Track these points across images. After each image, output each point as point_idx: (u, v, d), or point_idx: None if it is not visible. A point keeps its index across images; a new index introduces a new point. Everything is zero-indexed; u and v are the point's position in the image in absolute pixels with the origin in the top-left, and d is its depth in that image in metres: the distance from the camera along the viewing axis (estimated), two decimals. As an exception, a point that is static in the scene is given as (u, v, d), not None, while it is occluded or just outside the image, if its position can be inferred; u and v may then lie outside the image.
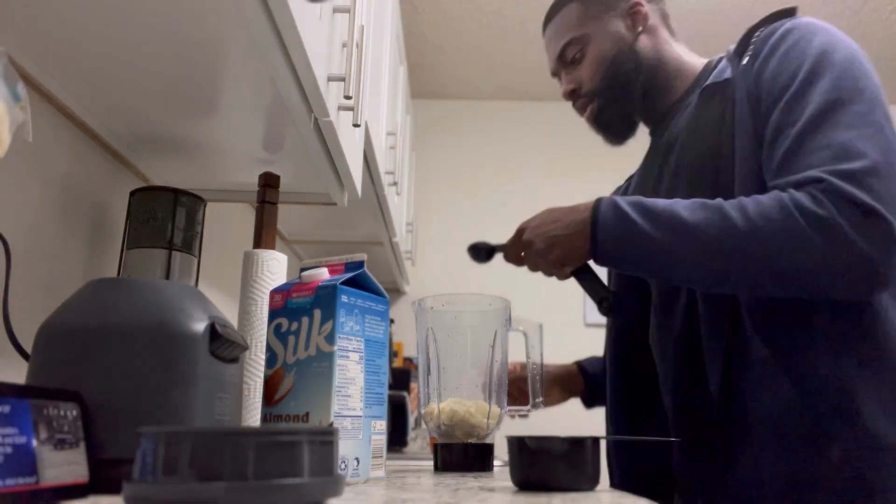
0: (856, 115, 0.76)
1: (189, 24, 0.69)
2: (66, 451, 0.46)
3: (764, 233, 0.73)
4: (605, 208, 0.84)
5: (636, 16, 1.02)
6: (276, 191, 1.04)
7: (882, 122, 0.76)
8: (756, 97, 0.85)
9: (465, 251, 1.06)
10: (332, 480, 0.39)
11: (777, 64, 0.84)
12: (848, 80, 0.80)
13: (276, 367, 0.65)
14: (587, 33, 1.01)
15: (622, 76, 1.00)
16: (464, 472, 0.84)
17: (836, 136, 0.75)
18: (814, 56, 0.82)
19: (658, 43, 1.03)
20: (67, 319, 0.55)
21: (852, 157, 0.73)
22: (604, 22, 1.01)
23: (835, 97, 0.78)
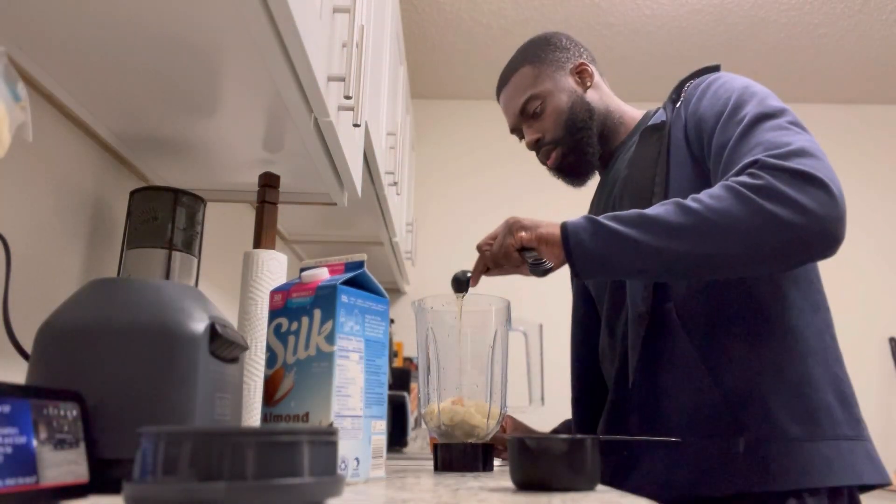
0: (781, 124, 0.87)
1: (189, 24, 0.69)
2: (66, 451, 0.46)
3: (719, 209, 0.80)
4: (572, 220, 0.90)
5: (583, 74, 1.16)
6: (276, 191, 1.04)
7: (803, 132, 0.86)
8: (695, 131, 0.97)
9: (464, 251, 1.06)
10: (332, 480, 0.39)
11: (709, 101, 0.97)
12: (771, 101, 0.91)
13: (276, 367, 0.65)
14: (545, 89, 1.14)
15: (580, 123, 1.12)
16: (464, 472, 0.84)
17: (766, 136, 0.85)
18: (738, 89, 0.95)
19: (603, 95, 1.17)
20: (67, 319, 0.55)
21: (781, 146, 0.83)
22: (557, 80, 1.14)
23: (761, 112, 0.89)
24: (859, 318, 2.98)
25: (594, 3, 2.56)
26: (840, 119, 3.22)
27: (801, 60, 2.89)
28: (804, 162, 0.80)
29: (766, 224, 0.78)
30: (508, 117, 1.19)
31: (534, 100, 1.14)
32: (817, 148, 0.83)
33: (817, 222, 0.77)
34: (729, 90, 0.95)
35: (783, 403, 0.86)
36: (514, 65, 1.17)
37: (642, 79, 3.06)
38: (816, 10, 2.57)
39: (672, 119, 1.02)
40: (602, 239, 0.85)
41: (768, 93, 0.94)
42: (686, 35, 2.74)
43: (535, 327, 0.97)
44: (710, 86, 1.00)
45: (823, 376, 0.89)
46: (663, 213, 0.83)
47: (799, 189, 0.78)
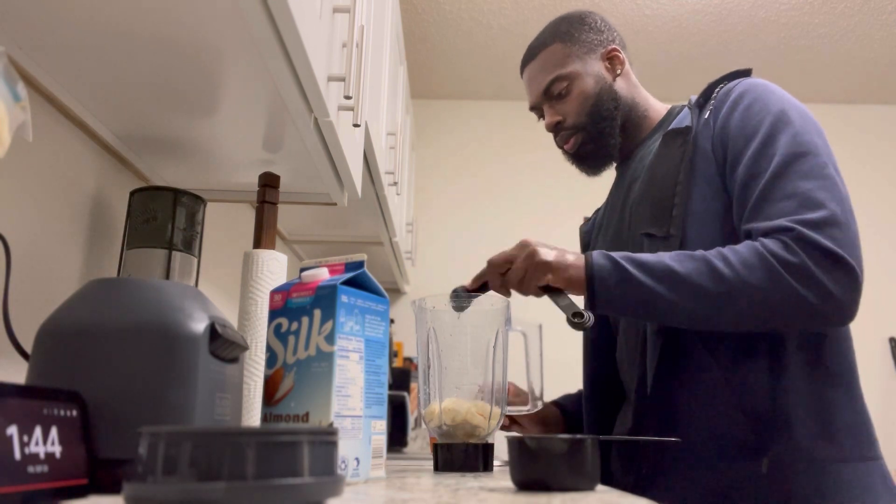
0: (814, 167, 0.86)
1: (189, 24, 0.69)
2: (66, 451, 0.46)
3: (749, 281, 0.82)
4: (598, 259, 0.89)
5: (614, 60, 1.11)
6: (276, 191, 1.04)
7: (835, 176, 0.87)
8: (721, 147, 0.95)
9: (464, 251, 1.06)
10: (332, 480, 0.39)
11: (741, 118, 0.94)
12: (804, 135, 0.89)
13: (276, 367, 0.65)
14: (573, 71, 1.09)
15: (605, 113, 1.08)
16: (464, 472, 0.84)
17: (799, 186, 0.85)
18: (773, 114, 0.92)
19: (631, 86, 1.13)
20: (67, 319, 0.55)
21: (814, 206, 0.83)
22: (587, 62, 1.10)
23: (794, 151, 0.88)
24: (859, 318, 2.98)
25: (594, 3, 2.56)
26: (840, 119, 3.22)
27: (801, 60, 2.89)
28: (836, 237, 0.81)
29: (792, 304, 0.81)
30: (531, 94, 1.14)
31: (560, 80, 1.09)
32: (846, 206, 0.84)
33: (839, 307, 0.81)
34: (762, 112, 0.92)
35: (806, 425, 0.85)
36: (544, 39, 1.12)
37: (642, 79, 3.06)
38: (816, 10, 2.57)
39: (699, 127, 0.98)
40: (627, 289, 0.85)
41: (804, 118, 0.91)
42: (686, 35, 2.74)
43: (535, 327, 0.97)
44: (742, 99, 0.95)
45: (844, 397, 0.88)
46: (694, 274, 0.83)
47: (828, 273, 0.80)
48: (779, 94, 0.95)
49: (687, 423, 0.91)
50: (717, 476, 0.88)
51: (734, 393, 0.88)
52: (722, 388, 0.89)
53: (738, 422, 0.87)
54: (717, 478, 0.88)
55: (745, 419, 0.87)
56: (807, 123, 0.91)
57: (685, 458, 0.91)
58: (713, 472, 0.88)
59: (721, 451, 0.88)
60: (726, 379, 0.89)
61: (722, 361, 0.90)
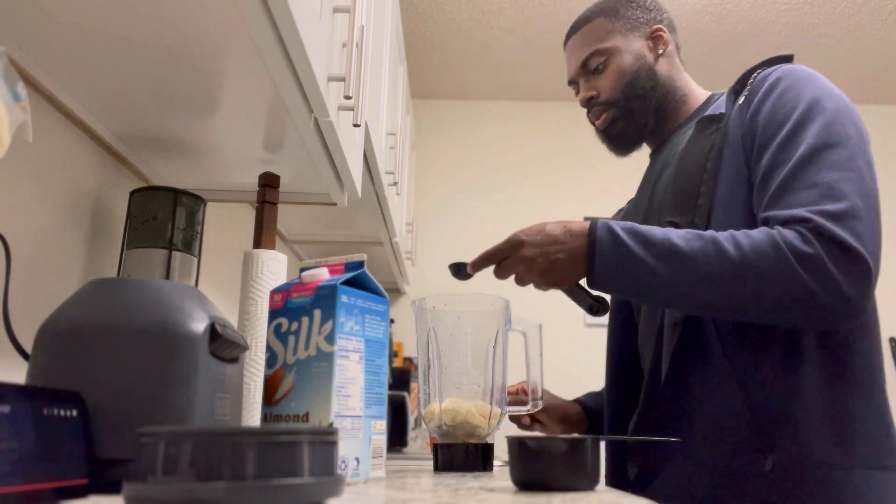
0: (841, 159, 0.83)
1: (189, 24, 0.69)
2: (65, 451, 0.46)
3: (757, 266, 0.78)
4: (602, 234, 0.86)
5: (658, 40, 1.09)
6: (276, 191, 1.04)
7: (863, 169, 0.83)
8: (750, 135, 0.91)
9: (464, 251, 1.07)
10: (332, 480, 0.39)
11: (772, 106, 0.90)
12: (836, 125, 0.85)
13: (276, 367, 0.65)
14: (613, 46, 1.07)
15: (640, 91, 1.06)
16: (464, 472, 0.84)
17: (823, 177, 0.81)
18: (807, 101, 0.88)
19: (673, 69, 1.09)
20: (67, 319, 0.55)
21: (836, 198, 0.80)
22: (629, 39, 1.08)
23: (824, 140, 0.84)
24: (859, 318, 2.98)
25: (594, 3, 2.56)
26: (840, 119, 3.22)
27: (802, 60, 2.89)
28: (856, 230, 0.78)
29: (800, 297, 0.78)
30: (570, 67, 1.13)
31: (598, 55, 1.08)
32: (871, 201, 0.81)
33: (847, 304, 0.78)
34: (795, 99, 0.88)
35: (816, 427, 0.83)
36: (588, 14, 1.11)
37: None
38: (816, 10, 2.57)
39: (732, 113, 0.95)
40: (627, 266, 0.83)
41: (839, 109, 0.87)
42: (686, 35, 2.74)
43: (535, 327, 0.97)
44: (777, 85, 0.92)
45: (865, 404, 0.85)
46: (699, 254, 0.80)
47: (843, 269, 0.77)
48: (817, 83, 0.90)
49: (695, 416, 0.90)
50: (718, 471, 0.88)
51: (743, 389, 0.86)
52: (732, 383, 0.87)
53: (744, 418, 0.85)
54: (718, 473, 0.88)
55: (752, 416, 0.85)
56: (842, 113, 0.86)
57: (688, 451, 0.91)
58: (714, 466, 0.88)
59: (724, 447, 0.88)
60: (738, 374, 0.87)
61: (736, 356, 0.88)
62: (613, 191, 3.11)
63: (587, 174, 3.16)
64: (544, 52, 2.88)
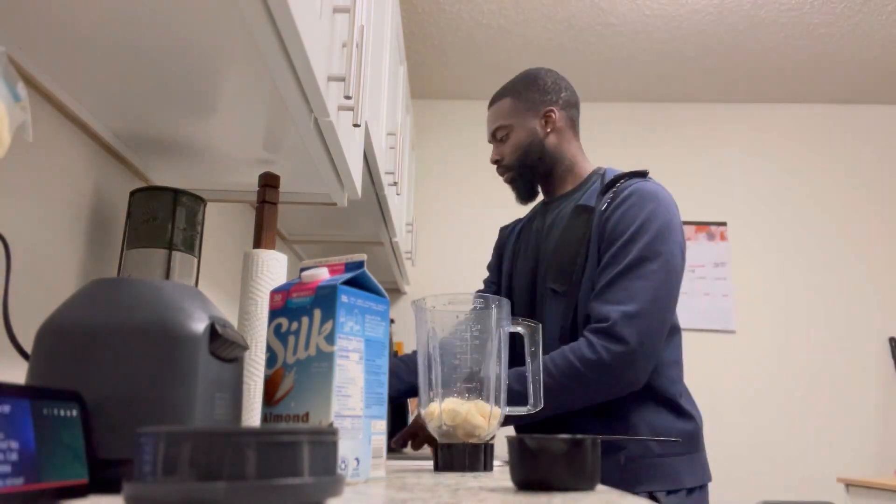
0: (649, 272, 1.17)
1: (189, 25, 0.69)
2: (65, 451, 0.46)
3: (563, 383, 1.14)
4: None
5: (549, 119, 1.37)
6: (276, 191, 1.04)
7: (660, 282, 1.17)
8: (603, 234, 1.24)
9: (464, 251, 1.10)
10: (332, 480, 0.39)
11: (619, 216, 1.23)
12: (654, 243, 1.19)
13: (276, 367, 0.65)
14: (512, 123, 1.38)
15: (529, 162, 1.37)
16: (464, 472, 0.84)
17: (631, 284, 1.17)
18: (640, 220, 1.21)
19: (562, 142, 1.38)
20: (67, 319, 0.55)
21: (633, 301, 1.15)
22: (525, 118, 1.37)
23: (642, 255, 1.18)
24: (859, 318, 2.98)
25: (594, 3, 2.56)
26: (840, 119, 3.22)
27: (801, 60, 2.89)
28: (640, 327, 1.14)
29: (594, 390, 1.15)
30: (487, 130, 1.44)
31: (502, 129, 1.39)
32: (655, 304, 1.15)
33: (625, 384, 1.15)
34: (633, 217, 1.21)
35: (648, 434, 1.19)
36: (501, 92, 1.41)
37: (642, 79, 3.06)
38: (816, 10, 2.57)
39: (598, 212, 1.26)
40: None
41: (661, 227, 1.20)
42: (686, 35, 2.74)
43: (536, 327, 0.97)
44: (627, 200, 1.23)
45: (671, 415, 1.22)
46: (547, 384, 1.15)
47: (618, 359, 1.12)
48: (653, 203, 1.22)
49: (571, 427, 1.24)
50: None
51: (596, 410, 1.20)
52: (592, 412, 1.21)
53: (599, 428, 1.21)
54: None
55: (602, 429, 1.21)
56: (661, 233, 1.19)
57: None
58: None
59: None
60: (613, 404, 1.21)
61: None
62: (613, 191, 3.11)
63: (587, 174, 3.16)
64: (544, 52, 2.88)
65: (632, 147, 3.18)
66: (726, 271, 3.04)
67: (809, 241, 3.08)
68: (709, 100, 3.24)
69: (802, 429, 2.87)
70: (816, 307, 3.00)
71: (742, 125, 3.23)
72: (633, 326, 1.13)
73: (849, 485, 2.43)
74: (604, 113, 3.23)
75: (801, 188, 3.15)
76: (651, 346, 1.15)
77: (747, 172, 3.17)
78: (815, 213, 3.11)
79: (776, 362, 2.95)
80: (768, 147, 3.20)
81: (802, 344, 2.96)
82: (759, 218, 3.11)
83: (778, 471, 2.83)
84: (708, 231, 3.10)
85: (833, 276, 3.04)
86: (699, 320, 2.99)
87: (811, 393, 2.91)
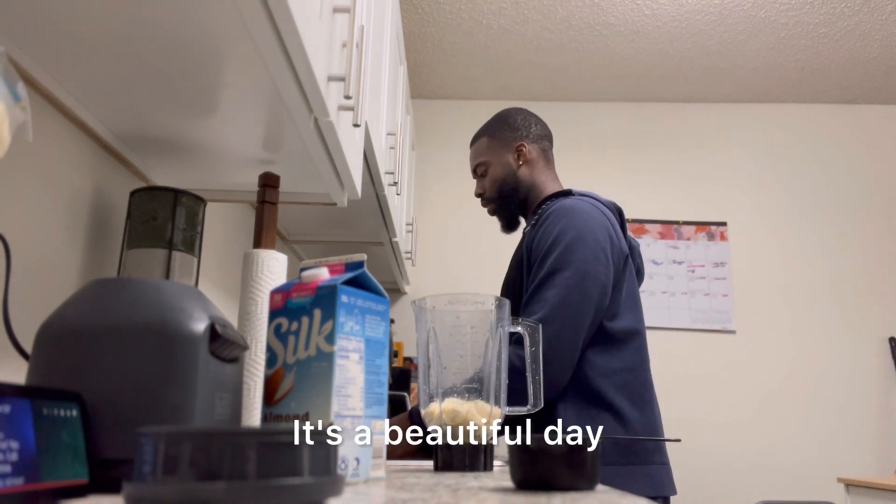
0: (560, 280, 1.26)
1: (189, 25, 0.69)
2: (65, 451, 0.46)
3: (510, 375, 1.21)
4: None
5: (520, 153, 1.52)
6: (276, 191, 1.04)
7: (574, 284, 1.25)
8: (528, 255, 1.35)
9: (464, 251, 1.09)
10: (332, 480, 0.39)
11: (540, 234, 1.33)
12: (566, 253, 1.28)
13: (276, 367, 0.65)
14: (489, 160, 1.54)
15: (506, 193, 1.51)
16: (464, 472, 0.84)
17: (543, 294, 1.26)
18: (555, 235, 1.30)
19: (534, 172, 1.52)
20: (67, 319, 0.55)
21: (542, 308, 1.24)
22: (500, 154, 1.53)
23: (555, 267, 1.28)
24: (859, 318, 2.98)
25: (594, 2, 2.56)
26: (840, 119, 3.22)
27: (801, 60, 2.89)
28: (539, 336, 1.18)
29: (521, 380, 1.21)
30: (470, 167, 1.59)
31: (481, 165, 1.54)
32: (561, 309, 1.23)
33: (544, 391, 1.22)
34: (547, 235, 1.31)
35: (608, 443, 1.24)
36: (479, 133, 1.57)
37: (642, 79, 3.06)
38: (816, 10, 2.57)
39: (525, 234, 1.40)
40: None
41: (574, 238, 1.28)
42: (686, 35, 2.74)
43: (535, 327, 0.97)
44: (545, 222, 1.34)
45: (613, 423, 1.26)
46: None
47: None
48: (568, 218, 1.31)
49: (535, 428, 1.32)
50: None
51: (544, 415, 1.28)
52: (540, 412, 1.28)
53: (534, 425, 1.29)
54: None
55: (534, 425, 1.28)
56: (573, 243, 1.28)
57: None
58: None
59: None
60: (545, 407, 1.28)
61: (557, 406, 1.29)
62: (609, 191, 3.11)
63: (585, 173, 3.16)
64: (544, 52, 2.88)
65: (632, 147, 3.18)
66: (726, 271, 3.04)
67: (809, 241, 3.08)
68: (709, 100, 3.24)
69: (802, 429, 2.87)
70: (816, 307, 3.00)
71: (742, 125, 3.23)
72: (553, 324, 1.23)
73: (849, 485, 2.43)
74: (604, 113, 3.23)
75: (801, 188, 3.15)
76: (560, 348, 1.22)
77: (747, 172, 3.17)
78: (815, 213, 3.11)
79: (776, 362, 2.95)
80: (768, 147, 3.20)
81: (802, 344, 2.96)
82: (759, 218, 3.11)
83: (778, 471, 2.83)
84: (708, 231, 3.10)
85: (833, 276, 3.04)
86: (699, 320, 2.99)
87: (811, 393, 2.91)
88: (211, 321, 0.57)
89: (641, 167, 3.17)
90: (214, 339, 0.57)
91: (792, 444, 2.86)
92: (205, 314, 0.57)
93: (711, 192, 3.15)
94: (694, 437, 2.88)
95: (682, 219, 3.12)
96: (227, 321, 0.61)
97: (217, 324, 0.57)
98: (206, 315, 0.57)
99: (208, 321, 0.57)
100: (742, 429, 2.87)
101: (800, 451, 2.85)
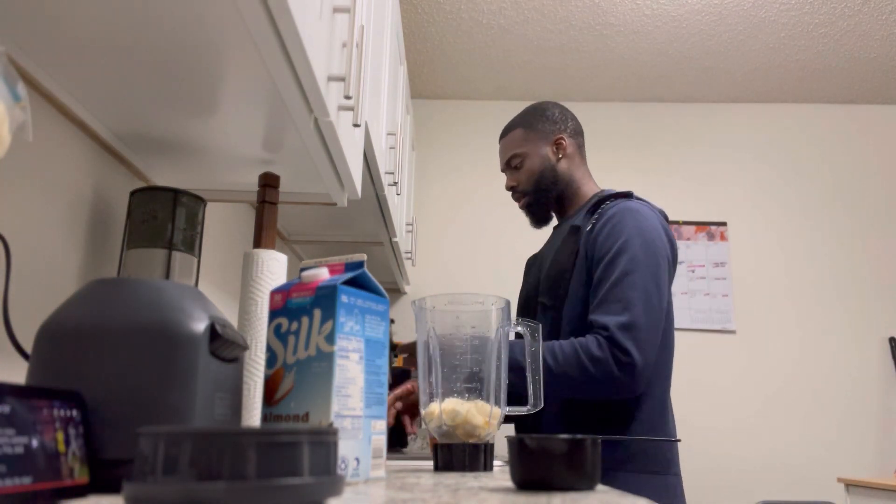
0: (637, 283, 1.25)
1: (189, 24, 0.69)
2: (66, 451, 0.46)
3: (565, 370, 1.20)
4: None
5: (559, 146, 1.49)
6: (276, 191, 1.04)
7: (650, 290, 1.25)
8: (591, 252, 1.33)
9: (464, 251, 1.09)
10: (332, 480, 0.39)
11: (605, 235, 1.31)
12: (639, 256, 1.27)
13: (276, 367, 0.65)
14: (526, 152, 1.49)
15: (544, 186, 1.47)
16: (464, 472, 0.84)
17: (623, 294, 1.24)
18: (625, 236, 1.29)
19: (572, 167, 1.50)
20: (67, 319, 0.55)
21: (628, 311, 1.22)
22: (538, 146, 1.49)
23: (629, 268, 1.26)
24: (859, 318, 2.98)
25: (594, 2, 2.56)
26: (840, 119, 3.22)
27: (801, 60, 2.89)
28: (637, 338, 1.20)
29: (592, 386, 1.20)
30: (500, 160, 1.54)
31: (516, 157, 1.49)
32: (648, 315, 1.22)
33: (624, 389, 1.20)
34: (617, 235, 1.29)
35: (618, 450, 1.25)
36: (513, 123, 1.52)
37: (642, 79, 3.06)
38: (816, 10, 2.57)
39: (585, 231, 1.36)
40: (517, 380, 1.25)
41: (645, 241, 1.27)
42: (686, 35, 2.74)
43: (535, 327, 0.97)
44: (611, 220, 1.32)
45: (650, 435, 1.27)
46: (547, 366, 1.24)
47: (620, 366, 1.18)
48: (634, 221, 1.30)
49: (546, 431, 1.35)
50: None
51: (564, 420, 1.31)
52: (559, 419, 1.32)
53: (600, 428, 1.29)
54: None
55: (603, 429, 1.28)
56: (645, 246, 1.27)
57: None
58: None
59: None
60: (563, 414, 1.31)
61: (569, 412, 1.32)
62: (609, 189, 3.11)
63: (587, 174, 3.16)
64: (544, 52, 2.88)
65: (632, 147, 3.18)
66: (726, 271, 3.04)
67: (809, 241, 3.08)
68: (709, 100, 3.24)
69: (802, 428, 2.87)
70: (816, 307, 3.00)
71: (742, 125, 3.23)
72: (630, 339, 1.20)
73: (849, 485, 2.43)
74: (604, 113, 3.23)
75: (801, 188, 3.15)
76: (648, 357, 1.21)
77: (747, 172, 3.17)
78: (815, 213, 3.11)
79: (776, 362, 2.95)
80: (768, 147, 3.20)
81: (802, 343, 2.96)
82: (759, 218, 3.11)
83: (778, 471, 2.83)
84: (708, 231, 3.10)
85: (833, 276, 3.04)
86: (699, 320, 2.99)
87: (811, 392, 2.91)
88: (211, 321, 0.57)
89: (641, 167, 3.17)
90: (214, 339, 0.57)
91: (792, 443, 2.86)
92: (205, 314, 0.57)
93: (711, 192, 3.15)
94: (694, 436, 2.88)
95: (682, 219, 3.12)
96: (227, 321, 0.61)
97: (217, 324, 0.57)
98: (206, 315, 0.57)
99: (208, 321, 0.57)
100: (742, 428, 2.87)
101: (800, 451, 2.85)
